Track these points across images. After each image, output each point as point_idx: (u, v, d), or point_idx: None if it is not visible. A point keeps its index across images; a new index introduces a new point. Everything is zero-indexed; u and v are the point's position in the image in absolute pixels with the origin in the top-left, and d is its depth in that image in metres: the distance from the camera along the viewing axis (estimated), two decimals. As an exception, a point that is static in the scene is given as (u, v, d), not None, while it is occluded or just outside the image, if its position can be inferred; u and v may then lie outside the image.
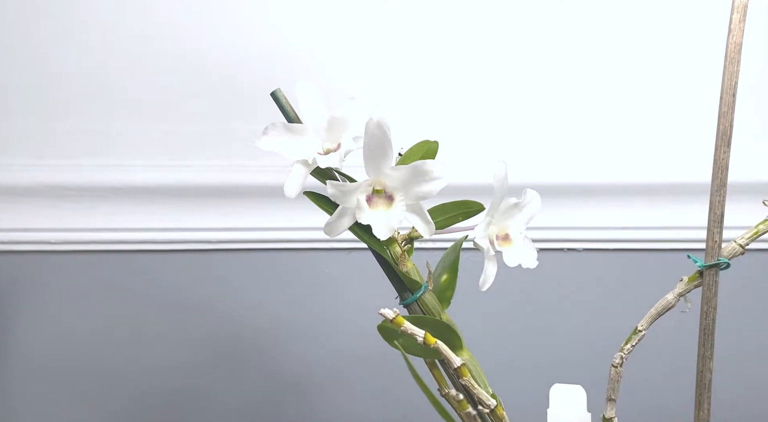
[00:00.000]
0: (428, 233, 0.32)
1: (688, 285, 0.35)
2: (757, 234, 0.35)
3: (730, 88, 0.34)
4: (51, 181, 0.62)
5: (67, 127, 0.63)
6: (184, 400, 0.64)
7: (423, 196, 0.31)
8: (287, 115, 0.33)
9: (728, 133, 0.35)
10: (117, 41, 0.63)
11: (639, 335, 0.36)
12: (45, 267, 0.63)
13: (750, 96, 0.62)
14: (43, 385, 0.63)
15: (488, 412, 0.33)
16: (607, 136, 0.65)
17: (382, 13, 0.63)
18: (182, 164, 0.63)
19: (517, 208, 0.35)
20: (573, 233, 0.64)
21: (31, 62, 0.63)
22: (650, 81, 0.64)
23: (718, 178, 0.35)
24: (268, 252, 0.63)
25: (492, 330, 0.64)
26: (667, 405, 0.63)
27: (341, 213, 0.31)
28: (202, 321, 0.63)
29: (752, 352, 0.64)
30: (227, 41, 0.63)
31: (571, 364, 0.63)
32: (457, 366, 0.31)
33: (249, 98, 0.63)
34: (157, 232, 0.63)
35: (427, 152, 0.35)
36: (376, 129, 0.29)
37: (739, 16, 0.34)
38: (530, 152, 0.64)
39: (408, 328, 0.30)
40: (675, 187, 0.63)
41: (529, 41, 0.64)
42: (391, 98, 0.64)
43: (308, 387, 0.61)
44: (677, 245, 0.64)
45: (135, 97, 0.63)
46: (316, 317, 0.63)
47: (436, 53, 0.64)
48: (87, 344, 0.63)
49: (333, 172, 0.33)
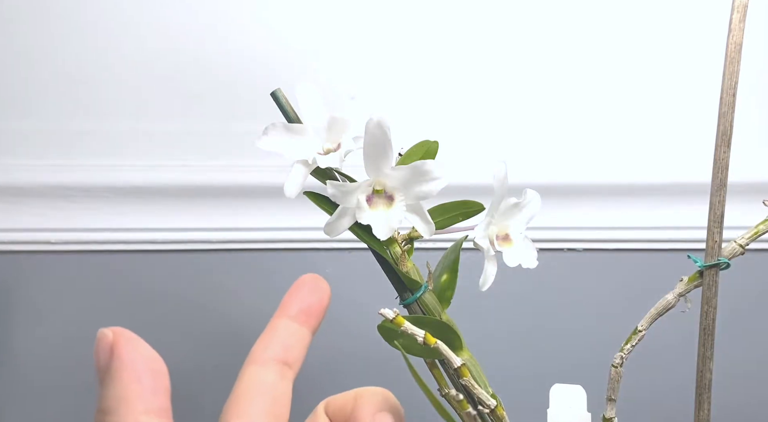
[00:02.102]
0: (428, 233, 0.32)
1: (688, 285, 0.35)
2: (757, 234, 0.35)
3: (730, 88, 0.34)
4: (51, 181, 0.62)
5: (67, 127, 0.63)
6: (184, 400, 0.63)
7: (423, 195, 0.31)
8: (287, 115, 0.33)
9: (728, 133, 0.34)
10: (117, 41, 0.63)
11: (639, 335, 0.36)
12: (45, 267, 0.63)
13: (750, 96, 0.62)
14: (42, 385, 0.63)
15: (488, 412, 0.33)
16: (607, 136, 0.65)
17: (382, 13, 0.63)
18: (182, 164, 0.63)
19: (517, 208, 0.35)
20: (573, 233, 0.64)
21: (30, 62, 0.63)
22: (650, 81, 0.64)
23: (718, 178, 0.35)
24: (268, 252, 0.63)
25: (492, 330, 0.64)
26: (667, 405, 0.63)
27: (341, 213, 0.31)
28: (201, 320, 0.63)
29: (752, 352, 0.64)
30: (227, 41, 0.63)
31: (571, 364, 0.63)
32: (458, 366, 0.31)
33: (249, 98, 0.63)
34: (157, 232, 0.63)
35: (427, 152, 0.35)
36: (376, 129, 0.29)
37: (739, 16, 0.34)
38: (530, 152, 0.64)
39: (408, 328, 0.30)
40: (675, 186, 0.63)
41: (529, 41, 0.64)
42: (391, 98, 0.64)
43: (308, 388, 0.61)
44: (677, 245, 0.64)
45: (135, 97, 0.63)
46: (316, 317, 0.63)
47: (437, 53, 0.64)
48: (87, 344, 0.63)
49: (333, 172, 0.33)
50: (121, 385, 0.22)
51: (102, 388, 0.23)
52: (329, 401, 0.33)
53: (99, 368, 0.23)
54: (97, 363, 0.23)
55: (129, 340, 0.23)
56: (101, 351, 0.23)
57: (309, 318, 0.31)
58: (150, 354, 0.23)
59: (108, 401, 0.22)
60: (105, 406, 0.22)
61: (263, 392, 0.29)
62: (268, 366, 0.30)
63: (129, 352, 0.23)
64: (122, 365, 0.23)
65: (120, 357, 0.23)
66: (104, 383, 0.23)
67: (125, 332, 0.23)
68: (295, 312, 0.31)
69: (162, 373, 0.23)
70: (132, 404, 0.22)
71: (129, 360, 0.23)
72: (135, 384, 0.22)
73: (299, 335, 0.30)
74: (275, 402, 0.29)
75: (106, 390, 0.22)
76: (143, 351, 0.23)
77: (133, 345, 0.23)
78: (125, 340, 0.23)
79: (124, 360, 0.23)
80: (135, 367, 0.23)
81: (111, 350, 0.23)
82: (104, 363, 0.23)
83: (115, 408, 0.22)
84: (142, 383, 0.23)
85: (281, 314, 0.31)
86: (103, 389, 0.22)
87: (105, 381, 0.23)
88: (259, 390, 0.29)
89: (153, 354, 0.23)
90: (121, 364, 0.23)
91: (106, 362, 0.23)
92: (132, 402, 0.22)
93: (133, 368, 0.23)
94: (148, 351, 0.23)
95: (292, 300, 0.31)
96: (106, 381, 0.22)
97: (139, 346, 0.23)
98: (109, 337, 0.23)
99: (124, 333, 0.23)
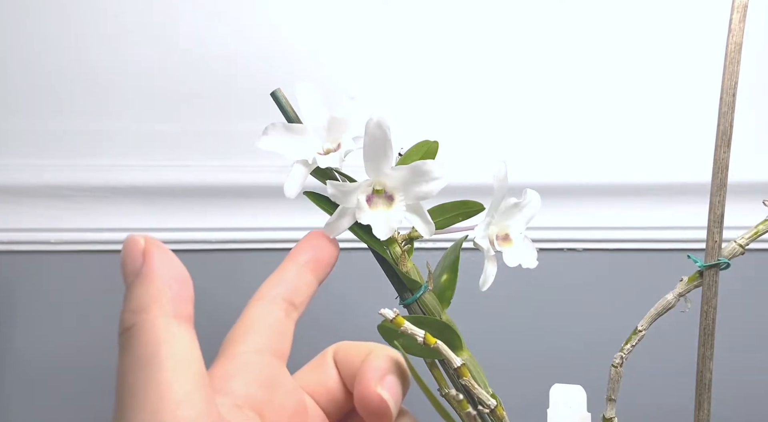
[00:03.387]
0: (428, 233, 0.32)
1: (688, 285, 0.35)
2: (757, 234, 0.35)
3: (730, 88, 0.34)
4: (51, 181, 0.62)
5: (67, 127, 0.63)
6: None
7: (423, 195, 0.31)
8: (287, 115, 0.33)
9: (728, 133, 0.34)
10: (116, 41, 0.63)
11: (639, 335, 0.36)
12: (45, 267, 0.63)
13: (750, 96, 0.62)
14: (42, 385, 0.63)
15: (488, 412, 0.33)
16: (607, 136, 0.65)
17: (382, 13, 0.63)
18: (182, 164, 0.63)
19: (517, 208, 0.35)
20: (573, 233, 0.64)
21: (30, 62, 0.63)
22: (650, 81, 0.64)
23: (718, 178, 0.35)
24: (268, 252, 0.63)
25: (492, 330, 0.64)
26: (667, 405, 0.63)
27: (341, 213, 0.31)
28: (201, 320, 0.63)
29: (752, 352, 0.64)
30: (227, 41, 0.63)
31: (571, 364, 0.63)
32: (457, 366, 0.31)
33: (249, 98, 0.63)
34: (157, 232, 0.63)
35: (427, 152, 0.35)
36: (376, 129, 0.29)
37: (739, 16, 0.34)
38: (530, 152, 0.64)
39: (408, 328, 0.30)
40: (675, 187, 0.63)
41: (529, 41, 0.64)
42: (391, 98, 0.64)
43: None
44: (677, 245, 0.64)
45: (135, 97, 0.63)
46: (316, 317, 0.63)
47: (436, 53, 0.64)
48: (87, 344, 0.63)
49: (333, 172, 0.33)
50: (154, 288, 0.23)
51: (131, 290, 0.23)
52: (340, 347, 0.33)
53: (128, 271, 0.23)
54: (125, 266, 0.24)
55: (159, 248, 0.24)
56: (133, 255, 0.23)
57: (318, 266, 0.31)
58: (179, 264, 0.24)
59: (138, 301, 0.23)
60: (135, 306, 0.23)
61: (268, 325, 0.30)
62: (276, 303, 0.30)
63: (160, 259, 0.23)
64: (154, 270, 0.23)
65: (152, 262, 0.23)
66: (134, 285, 0.23)
67: (156, 240, 0.24)
68: (306, 260, 0.31)
69: (189, 283, 0.24)
70: (164, 306, 0.23)
71: (160, 266, 0.23)
72: (166, 289, 0.23)
73: (307, 280, 0.31)
74: (279, 337, 0.30)
75: (137, 290, 0.23)
76: (173, 260, 0.24)
77: (164, 253, 0.24)
78: (157, 247, 0.24)
79: (156, 266, 0.23)
80: (166, 273, 0.23)
81: (143, 255, 0.23)
82: (135, 267, 0.23)
83: (146, 307, 0.23)
84: (173, 289, 0.23)
85: (291, 260, 0.31)
86: (133, 290, 0.23)
87: (135, 283, 0.23)
88: (265, 323, 0.30)
89: (181, 264, 0.24)
90: (153, 269, 0.23)
91: (137, 266, 0.23)
92: (164, 304, 0.23)
93: (164, 274, 0.23)
94: (177, 260, 0.24)
95: (304, 248, 0.31)
96: (137, 284, 0.23)
97: (170, 255, 0.24)
98: (141, 244, 0.24)
99: (155, 241, 0.24)
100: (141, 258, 0.23)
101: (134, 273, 0.23)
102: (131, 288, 0.23)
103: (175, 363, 0.22)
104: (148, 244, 0.24)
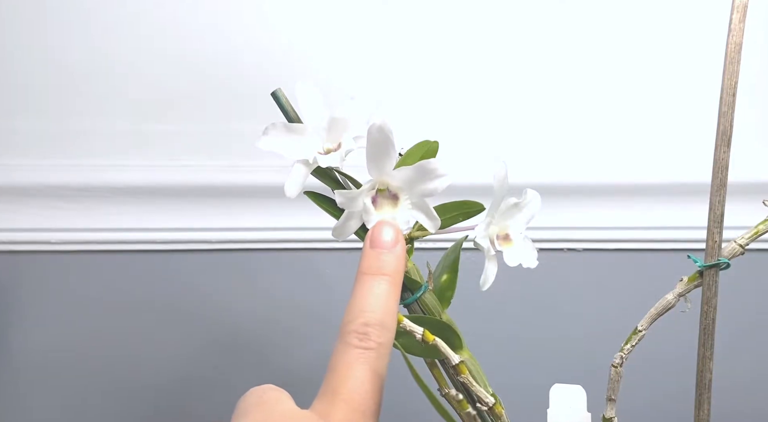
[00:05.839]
0: (433, 228, 0.32)
1: (688, 285, 0.35)
2: (757, 234, 0.35)
3: (730, 88, 0.34)
4: (51, 181, 0.62)
5: (67, 127, 0.63)
6: (184, 400, 0.64)
7: (428, 193, 0.31)
8: (287, 115, 0.33)
9: (728, 133, 0.34)
10: (117, 41, 0.63)
11: (639, 335, 0.36)
12: (45, 267, 0.63)
13: (750, 96, 0.62)
14: (42, 385, 0.63)
15: (486, 410, 0.33)
16: (607, 136, 0.65)
17: (382, 13, 0.63)
18: (182, 164, 0.63)
19: (517, 208, 0.35)
20: (573, 233, 0.64)
21: (30, 62, 0.63)
22: (650, 81, 0.64)
23: (718, 178, 0.35)
24: (267, 252, 0.63)
25: (492, 329, 0.64)
26: (667, 406, 0.63)
27: (348, 216, 0.31)
28: (201, 320, 0.63)
29: (752, 352, 0.64)
30: (227, 41, 0.63)
31: (571, 364, 0.63)
32: (456, 363, 0.31)
33: (249, 98, 0.63)
34: (157, 232, 0.63)
35: (428, 152, 0.35)
36: (378, 133, 0.29)
37: (739, 16, 0.34)
38: (530, 152, 0.64)
39: (407, 325, 0.30)
40: (675, 187, 0.63)
41: (529, 41, 0.64)
42: (391, 98, 0.64)
43: (307, 388, 0.61)
44: (677, 245, 0.64)
45: (135, 97, 0.63)
46: (316, 317, 0.63)
47: (436, 53, 0.64)
48: (87, 344, 0.63)
49: (333, 171, 0.33)
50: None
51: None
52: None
53: (381, 245, 0.29)
54: (377, 244, 0.29)
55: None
56: (389, 237, 0.30)
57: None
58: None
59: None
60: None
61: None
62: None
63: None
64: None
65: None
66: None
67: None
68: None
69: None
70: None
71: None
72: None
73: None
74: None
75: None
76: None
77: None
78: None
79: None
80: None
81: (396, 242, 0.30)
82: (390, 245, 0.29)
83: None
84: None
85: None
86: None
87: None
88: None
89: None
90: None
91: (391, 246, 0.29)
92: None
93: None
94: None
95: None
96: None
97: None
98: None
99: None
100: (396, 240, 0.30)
101: (389, 246, 0.30)
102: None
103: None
104: (399, 235, 0.30)
